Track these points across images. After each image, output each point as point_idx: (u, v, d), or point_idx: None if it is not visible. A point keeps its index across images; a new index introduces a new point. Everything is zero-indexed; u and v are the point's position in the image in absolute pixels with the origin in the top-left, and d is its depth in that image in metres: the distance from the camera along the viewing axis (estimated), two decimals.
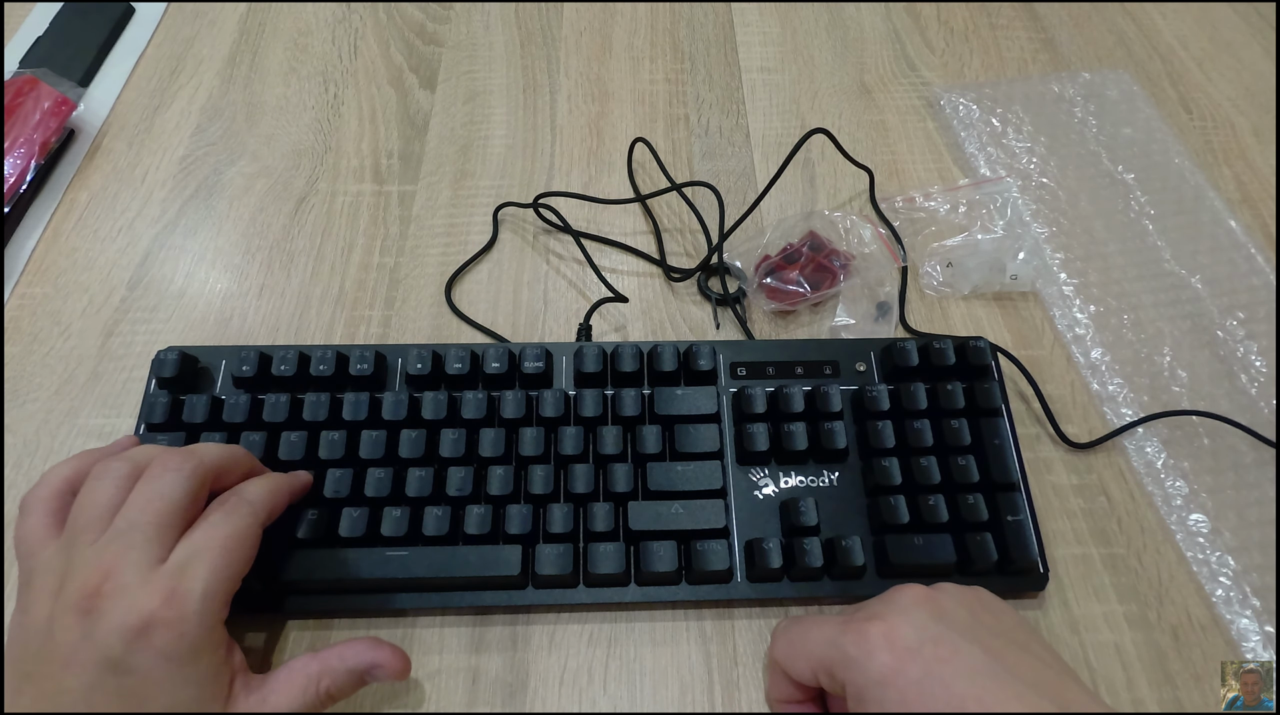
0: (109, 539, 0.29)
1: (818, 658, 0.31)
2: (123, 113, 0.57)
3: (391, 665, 0.33)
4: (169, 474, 0.31)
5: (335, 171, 0.54)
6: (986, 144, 0.56)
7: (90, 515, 0.30)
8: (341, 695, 0.32)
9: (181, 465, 0.31)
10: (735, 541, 0.38)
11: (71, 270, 0.49)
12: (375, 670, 0.33)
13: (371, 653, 0.33)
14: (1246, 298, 0.49)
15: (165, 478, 0.31)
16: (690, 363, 0.42)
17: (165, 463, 0.31)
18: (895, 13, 0.66)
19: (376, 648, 0.33)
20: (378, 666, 0.33)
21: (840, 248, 0.49)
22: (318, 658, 0.32)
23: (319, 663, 0.32)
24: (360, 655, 0.32)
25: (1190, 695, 0.36)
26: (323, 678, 0.31)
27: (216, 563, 0.30)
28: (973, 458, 0.39)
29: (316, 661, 0.32)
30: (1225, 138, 0.58)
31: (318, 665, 0.32)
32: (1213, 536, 0.40)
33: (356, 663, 0.32)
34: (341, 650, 0.32)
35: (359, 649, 0.33)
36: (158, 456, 0.32)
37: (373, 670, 0.33)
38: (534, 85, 0.60)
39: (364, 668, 0.32)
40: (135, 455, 0.32)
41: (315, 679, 0.31)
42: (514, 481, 0.38)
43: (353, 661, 0.32)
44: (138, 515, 0.30)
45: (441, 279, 0.49)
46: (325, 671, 0.32)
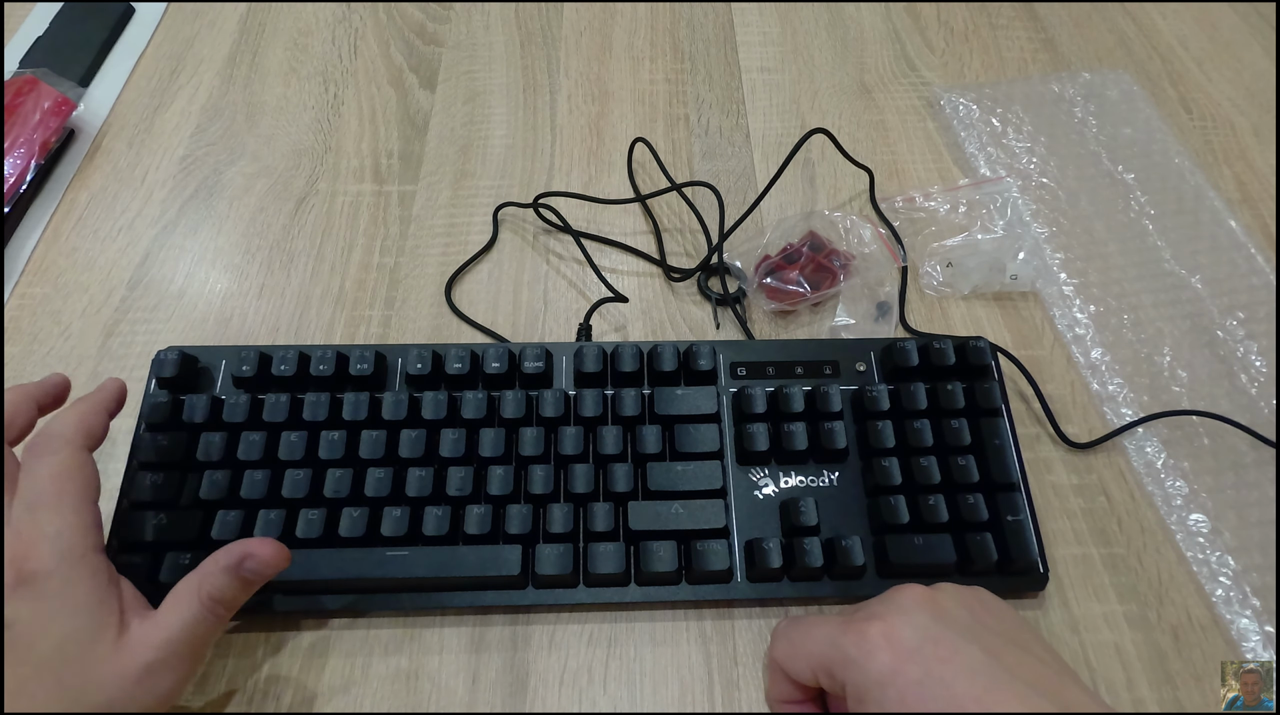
0: None
1: (817, 658, 0.31)
2: (123, 113, 0.57)
3: (261, 553, 0.32)
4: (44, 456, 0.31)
5: (335, 171, 0.54)
6: (986, 144, 0.56)
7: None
8: (227, 598, 0.31)
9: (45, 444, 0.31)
10: (735, 541, 0.38)
11: (71, 270, 0.49)
12: (247, 561, 0.32)
13: (240, 546, 0.32)
14: (1246, 298, 0.49)
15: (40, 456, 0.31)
16: (690, 363, 0.42)
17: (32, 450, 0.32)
18: (895, 13, 0.66)
19: (246, 542, 0.32)
20: (248, 556, 0.32)
21: (840, 248, 0.49)
22: (195, 572, 0.32)
23: (197, 573, 0.32)
24: (231, 553, 0.32)
25: (1190, 695, 0.36)
26: (202, 585, 0.31)
27: (52, 503, 0.30)
28: (973, 458, 0.39)
29: (195, 573, 0.32)
30: (1225, 138, 0.58)
31: (195, 577, 0.31)
32: (1213, 536, 0.40)
33: (228, 560, 0.31)
34: (215, 555, 0.32)
35: (231, 548, 0.32)
36: None
37: (244, 562, 0.32)
38: (534, 85, 0.60)
39: (235, 562, 0.31)
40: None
41: (196, 587, 0.31)
42: (514, 481, 0.38)
43: (224, 560, 0.31)
44: None
45: (441, 279, 0.49)
46: (203, 579, 0.31)
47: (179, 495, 0.38)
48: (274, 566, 0.32)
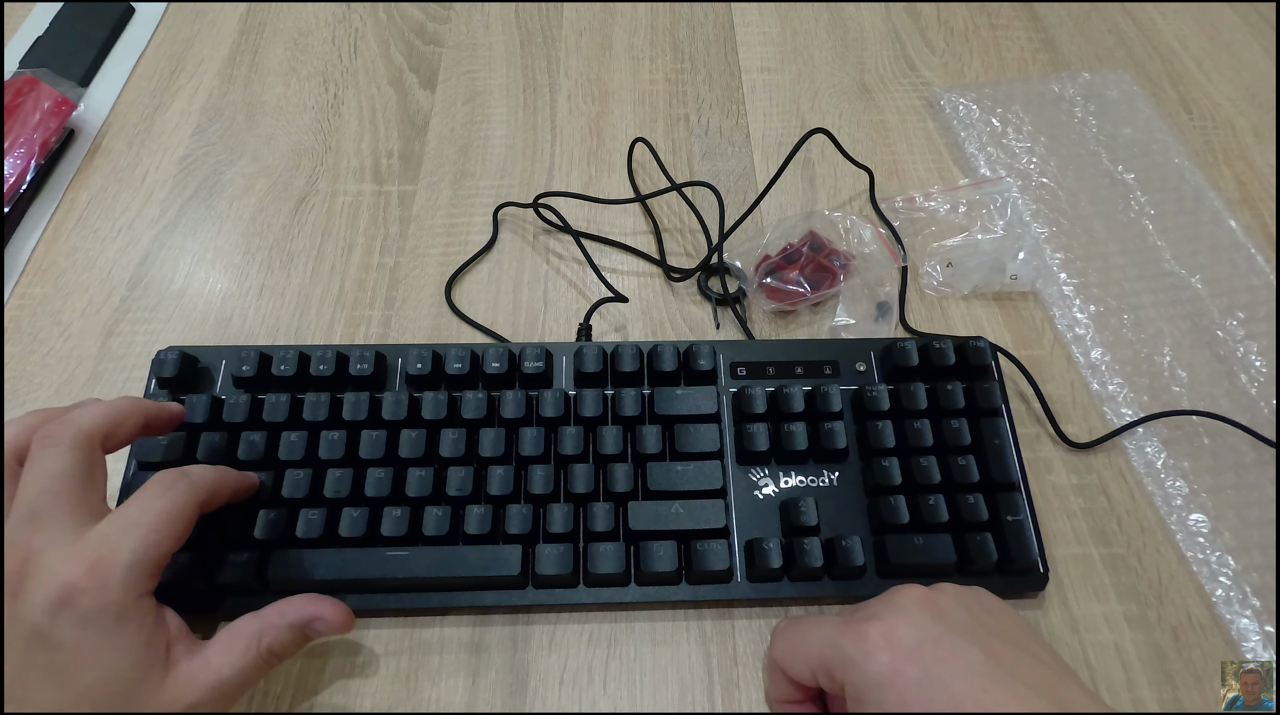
0: (15, 524, 0.29)
1: (817, 658, 0.31)
2: (123, 113, 0.57)
3: (332, 618, 0.33)
4: (50, 450, 0.30)
5: (335, 171, 0.54)
6: (986, 144, 0.56)
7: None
8: (285, 652, 0.32)
9: (59, 437, 0.30)
10: (735, 541, 0.38)
11: (71, 270, 0.49)
12: (316, 624, 0.32)
13: (312, 606, 0.32)
14: (1246, 298, 0.49)
15: (48, 455, 0.30)
16: (690, 363, 0.42)
17: (44, 439, 0.30)
18: (895, 13, 0.66)
19: (316, 602, 0.33)
20: (318, 619, 0.32)
21: (840, 248, 0.49)
22: (258, 616, 0.32)
23: (259, 620, 0.32)
24: (301, 610, 0.32)
25: (1190, 695, 0.36)
26: (264, 634, 0.31)
27: (146, 536, 0.29)
28: (973, 458, 0.39)
29: (257, 620, 0.32)
30: (1225, 138, 0.58)
31: (258, 623, 0.31)
32: (1213, 536, 0.40)
33: (296, 617, 0.32)
34: (281, 606, 0.32)
35: (299, 604, 0.32)
36: (36, 434, 0.30)
37: (313, 624, 0.32)
38: (534, 85, 0.60)
39: (304, 621, 0.32)
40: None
41: (256, 636, 0.31)
42: (514, 481, 0.38)
43: (292, 616, 0.32)
44: (35, 499, 0.29)
45: (441, 279, 0.49)
46: (266, 628, 0.31)
47: None
48: (340, 631, 0.33)
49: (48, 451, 0.30)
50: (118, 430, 0.32)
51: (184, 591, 0.35)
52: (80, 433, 0.30)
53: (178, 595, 0.35)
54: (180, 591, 0.35)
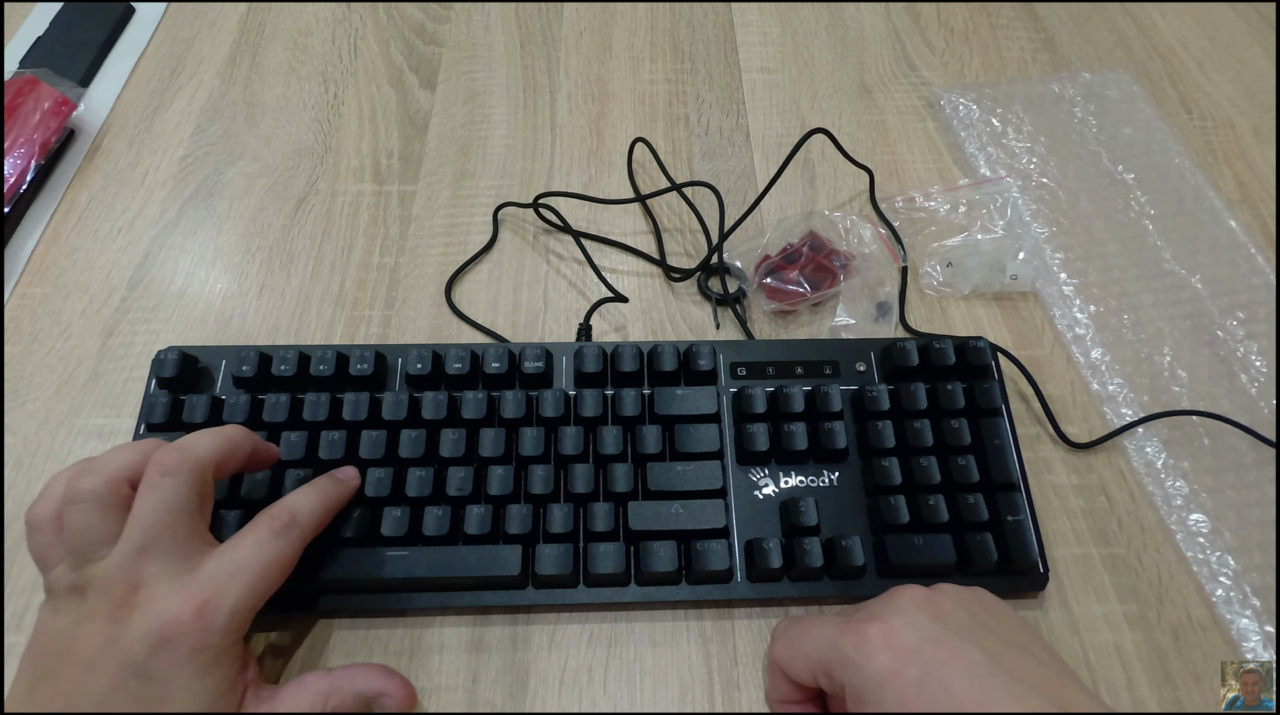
0: (128, 551, 0.29)
1: (817, 658, 0.31)
2: (123, 113, 0.57)
3: (399, 697, 0.33)
4: (167, 480, 0.30)
5: (335, 171, 0.54)
6: (986, 144, 0.56)
7: (79, 541, 0.29)
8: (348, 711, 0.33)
9: (178, 467, 0.30)
10: (735, 541, 0.38)
11: (71, 270, 0.49)
12: (383, 699, 0.33)
13: (382, 681, 0.33)
14: (1246, 298, 0.49)
15: (164, 484, 0.30)
16: (690, 363, 0.42)
17: (160, 466, 0.30)
18: (895, 13, 0.66)
19: (388, 677, 0.33)
20: (386, 695, 0.33)
21: (840, 248, 0.49)
22: (329, 676, 0.33)
23: (329, 681, 0.32)
24: (371, 681, 0.33)
25: (1190, 695, 0.36)
26: (331, 696, 0.32)
27: (254, 583, 0.30)
28: (973, 458, 0.39)
29: (327, 680, 0.32)
30: (1225, 138, 0.58)
31: (328, 684, 0.32)
32: (1213, 536, 0.40)
33: (366, 688, 0.33)
34: (354, 673, 0.33)
35: (371, 675, 0.33)
36: (153, 460, 0.31)
37: (380, 699, 0.33)
38: (534, 85, 0.60)
39: (372, 694, 0.33)
40: (107, 466, 0.31)
41: (324, 696, 0.32)
42: (514, 481, 0.38)
43: (363, 686, 0.33)
44: (150, 528, 0.29)
45: (441, 279, 0.49)
46: (334, 691, 0.32)
47: None
48: (403, 711, 0.34)
49: (165, 481, 0.30)
50: (228, 462, 0.33)
51: None
52: (197, 463, 0.31)
53: None
54: None
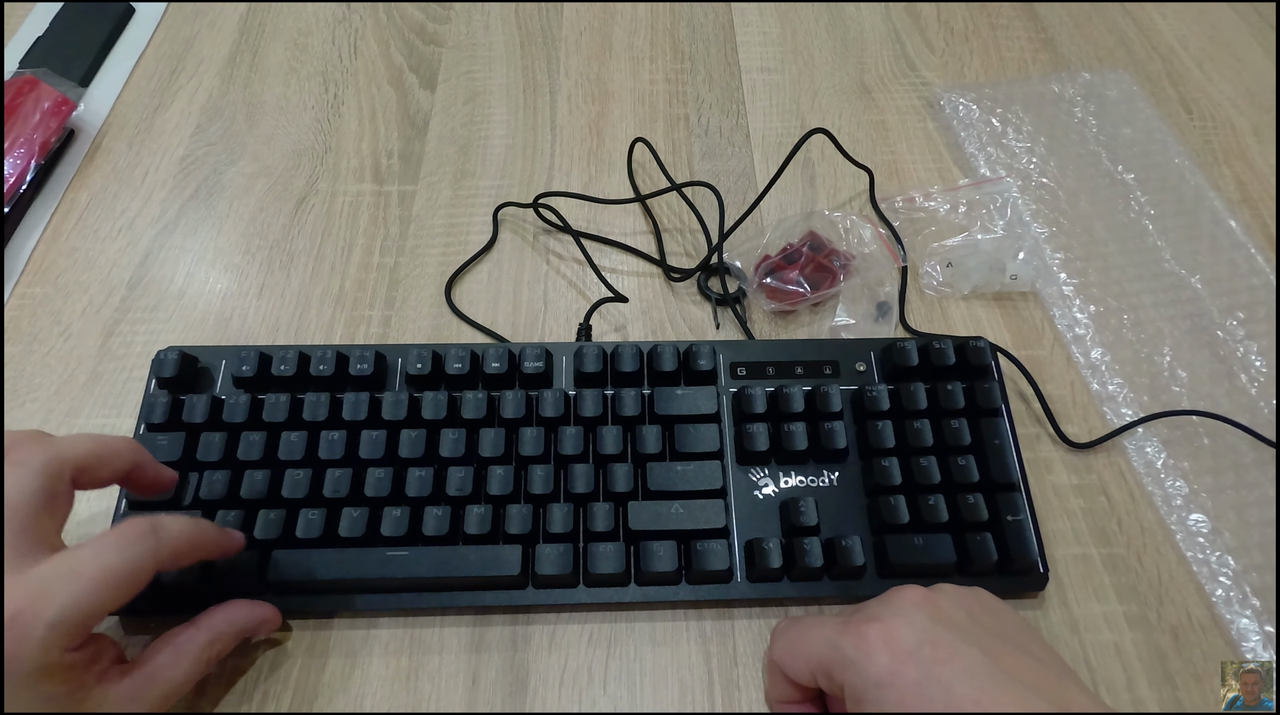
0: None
1: (816, 659, 0.31)
2: (123, 113, 0.57)
3: (274, 619, 0.35)
4: (15, 471, 0.28)
5: (335, 171, 0.54)
6: (986, 144, 0.56)
7: None
8: (223, 656, 0.33)
9: (29, 460, 0.28)
10: (735, 541, 0.38)
11: (71, 270, 0.49)
12: (262, 627, 0.35)
13: (254, 610, 0.34)
14: (1246, 298, 0.49)
15: (14, 474, 0.28)
16: (690, 363, 0.42)
17: (12, 455, 0.29)
18: (895, 13, 0.66)
19: (257, 606, 0.35)
20: (265, 622, 0.35)
21: (840, 248, 0.49)
22: (201, 626, 0.33)
23: (206, 631, 0.32)
24: (245, 614, 0.34)
25: (1190, 695, 0.36)
26: (215, 644, 0.32)
27: (87, 591, 0.27)
28: (973, 458, 0.39)
29: (203, 631, 0.32)
30: (1225, 138, 0.58)
31: (205, 634, 0.32)
32: (1213, 536, 0.40)
33: (244, 624, 0.34)
34: (225, 614, 0.34)
35: (241, 610, 0.34)
36: (9, 446, 0.29)
37: (259, 628, 0.35)
38: (534, 85, 0.60)
39: (250, 627, 0.34)
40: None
41: (206, 646, 0.32)
42: (514, 481, 0.38)
43: (241, 623, 0.34)
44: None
45: (441, 279, 0.49)
46: (216, 638, 0.33)
47: (179, 495, 0.38)
48: (273, 631, 0.36)
49: (13, 471, 0.28)
50: (98, 468, 0.31)
51: (183, 591, 0.35)
52: (54, 459, 0.29)
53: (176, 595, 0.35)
54: (179, 592, 0.35)
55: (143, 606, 0.35)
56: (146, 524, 0.29)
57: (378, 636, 0.37)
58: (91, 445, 0.31)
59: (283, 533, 0.37)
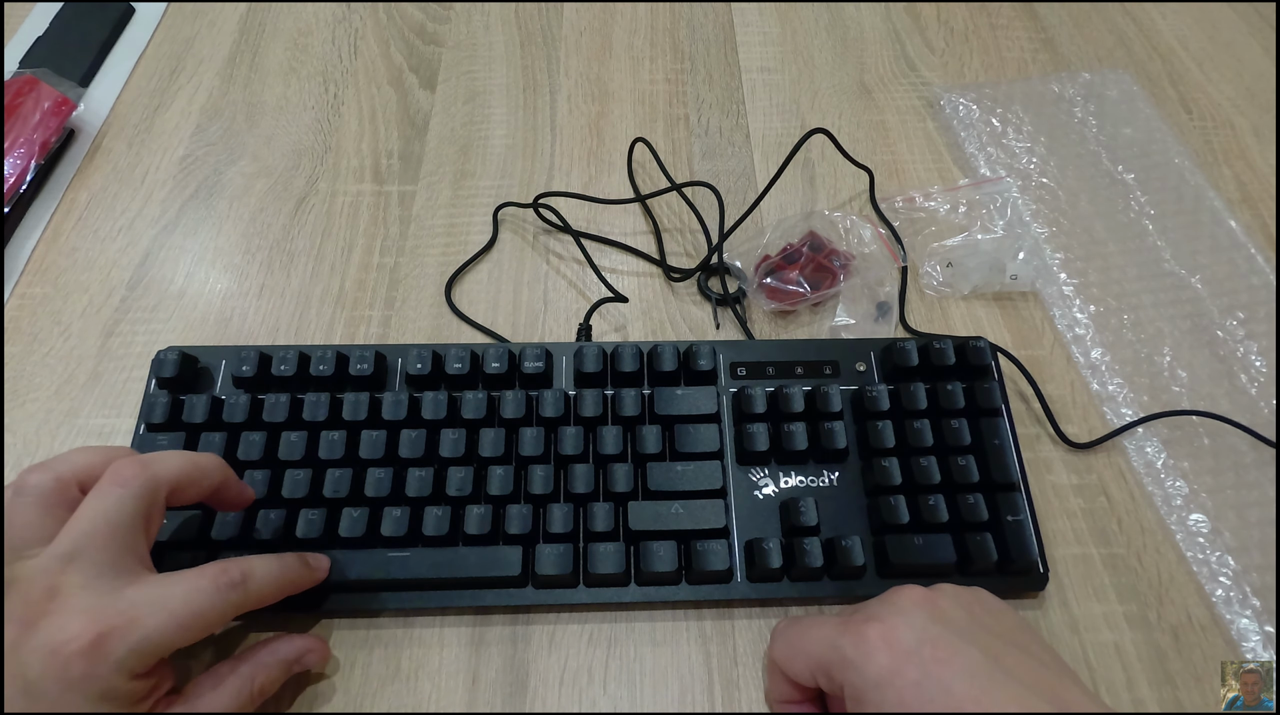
0: (55, 556, 0.28)
1: (816, 659, 0.31)
2: (123, 113, 0.57)
3: (320, 650, 0.35)
4: (115, 490, 0.29)
5: (335, 171, 0.54)
6: (986, 144, 0.56)
7: (15, 535, 0.28)
8: (273, 690, 0.33)
9: (130, 481, 0.29)
10: (735, 541, 0.38)
11: (71, 270, 0.49)
12: (306, 657, 0.34)
13: (298, 641, 0.34)
14: (1246, 298, 0.49)
15: (111, 495, 0.29)
16: (690, 363, 0.42)
17: (114, 476, 0.29)
18: (895, 13, 0.66)
19: (301, 637, 0.34)
20: (309, 652, 0.34)
21: (840, 248, 0.49)
22: (246, 659, 0.33)
23: (250, 663, 0.32)
24: (291, 646, 0.34)
25: (1190, 695, 0.36)
26: (256, 676, 0.32)
27: (172, 626, 0.28)
28: (973, 458, 0.39)
29: (247, 663, 0.32)
30: (1225, 138, 0.58)
31: (249, 667, 0.32)
32: (1213, 536, 0.40)
33: (287, 654, 0.34)
34: (272, 646, 0.34)
35: (289, 642, 0.34)
36: (110, 468, 0.30)
37: (303, 658, 0.34)
38: (534, 85, 0.60)
39: (294, 658, 0.34)
40: (61, 465, 0.30)
41: (249, 679, 0.32)
42: (514, 481, 0.38)
43: (283, 654, 0.33)
44: (82, 537, 0.28)
45: (441, 279, 0.49)
46: (257, 670, 0.32)
47: None
48: (323, 663, 0.35)
49: (113, 491, 0.29)
50: (189, 488, 0.32)
51: None
52: (152, 480, 0.30)
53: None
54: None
55: None
56: (239, 573, 0.30)
57: (378, 636, 0.37)
58: (184, 465, 0.31)
59: (283, 533, 0.37)
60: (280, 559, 0.33)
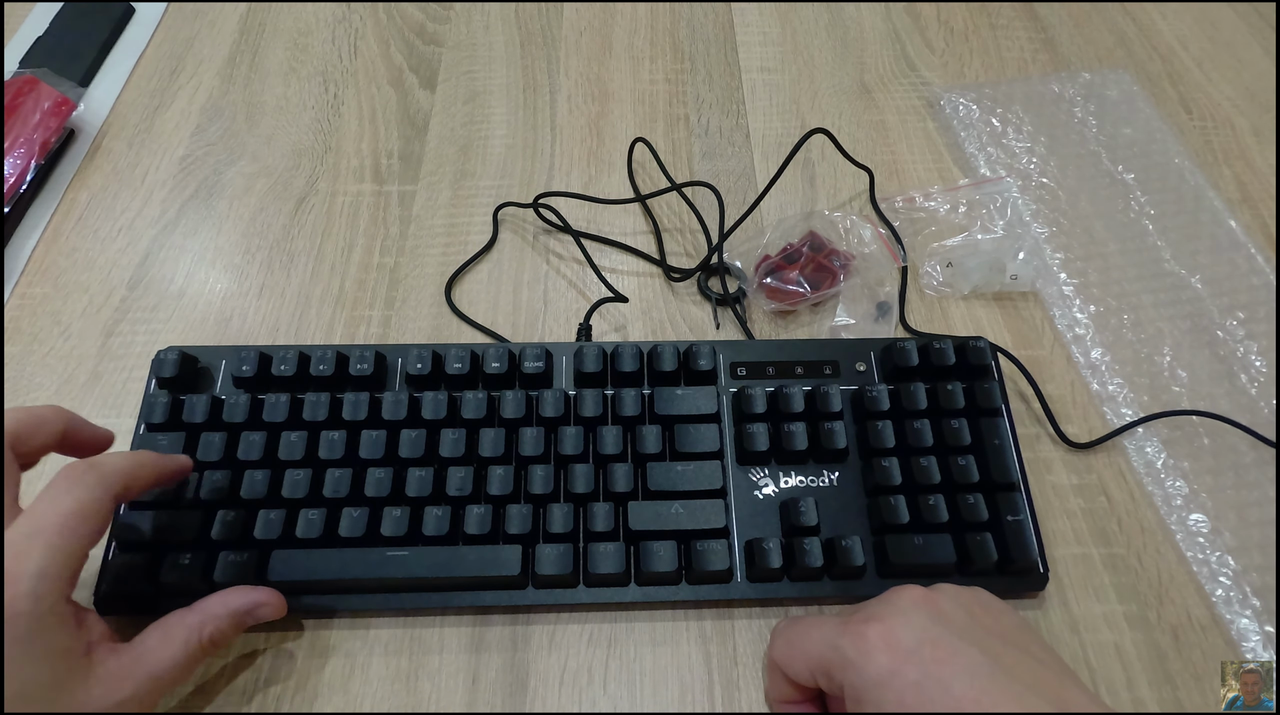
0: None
1: (816, 658, 0.31)
2: (123, 113, 0.57)
3: (275, 602, 0.34)
4: (75, 488, 0.29)
5: (335, 171, 0.54)
6: (986, 144, 0.56)
7: None
8: (224, 641, 0.33)
9: (83, 477, 0.29)
10: (735, 541, 0.38)
11: (71, 270, 0.49)
12: (259, 610, 0.34)
13: (253, 594, 0.34)
14: (1246, 298, 0.49)
15: (72, 488, 0.29)
16: (690, 363, 0.42)
17: (68, 477, 0.29)
18: (895, 13, 0.66)
19: (255, 590, 0.34)
20: (261, 605, 0.34)
21: (840, 248, 0.49)
22: (194, 610, 0.32)
23: (198, 613, 0.32)
24: (244, 597, 0.33)
25: (1190, 695, 0.36)
26: (205, 625, 0.32)
27: (53, 541, 0.28)
28: (973, 458, 0.39)
29: (195, 613, 0.32)
30: (1225, 138, 0.58)
31: (197, 616, 0.32)
32: (1213, 536, 0.40)
33: (239, 605, 0.33)
34: (223, 597, 0.33)
35: (241, 593, 0.33)
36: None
37: (256, 611, 0.33)
38: (534, 85, 0.60)
39: (247, 609, 0.33)
40: None
41: (197, 629, 0.32)
42: (514, 481, 0.38)
43: (235, 604, 0.33)
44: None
45: (441, 279, 0.49)
46: (208, 619, 0.32)
47: (179, 495, 0.38)
48: (278, 616, 0.35)
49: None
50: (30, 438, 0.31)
51: (183, 592, 0.35)
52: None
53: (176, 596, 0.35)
54: (179, 592, 0.35)
55: (143, 607, 0.35)
56: (84, 463, 0.30)
57: (378, 636, 0.37)
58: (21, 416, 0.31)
59: (283, 533, 0.37)
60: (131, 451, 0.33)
